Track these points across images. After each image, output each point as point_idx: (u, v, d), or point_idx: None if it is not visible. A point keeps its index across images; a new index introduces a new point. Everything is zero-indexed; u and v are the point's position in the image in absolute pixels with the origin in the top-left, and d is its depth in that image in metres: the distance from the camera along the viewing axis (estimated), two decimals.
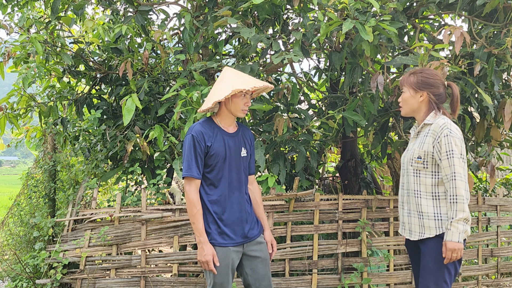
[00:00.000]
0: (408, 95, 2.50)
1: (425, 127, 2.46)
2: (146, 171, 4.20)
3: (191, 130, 2.52)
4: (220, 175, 2.53)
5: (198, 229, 2.45)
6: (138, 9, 3.94)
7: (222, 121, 2.60)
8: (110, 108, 4.42)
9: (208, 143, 2.50)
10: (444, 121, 2.36)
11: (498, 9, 3.24)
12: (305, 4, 3.40)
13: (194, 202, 2.46)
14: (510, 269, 4.46)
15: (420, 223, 2.42)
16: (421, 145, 2.43)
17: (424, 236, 2.40)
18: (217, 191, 2.53)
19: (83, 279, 3.71)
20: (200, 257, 2.44)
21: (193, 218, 2.46)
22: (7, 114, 3.99)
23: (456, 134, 2.32)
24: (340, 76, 4.56)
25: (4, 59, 3.77)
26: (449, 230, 2.28)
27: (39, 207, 4.56)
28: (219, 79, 2.58)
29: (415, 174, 2.45)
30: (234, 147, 2.59)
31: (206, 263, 2.43)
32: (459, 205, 2.26)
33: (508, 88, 3.67)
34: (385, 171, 5.81)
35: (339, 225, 3.88)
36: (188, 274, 3.82)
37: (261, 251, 2.64)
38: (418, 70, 2.51)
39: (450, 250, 2.26)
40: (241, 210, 2.58)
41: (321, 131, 4.10)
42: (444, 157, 2.31)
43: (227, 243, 2.51)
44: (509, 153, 8.03)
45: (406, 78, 2.53)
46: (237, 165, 2.60)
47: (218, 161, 2.52)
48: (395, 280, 3.96)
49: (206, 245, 2.44)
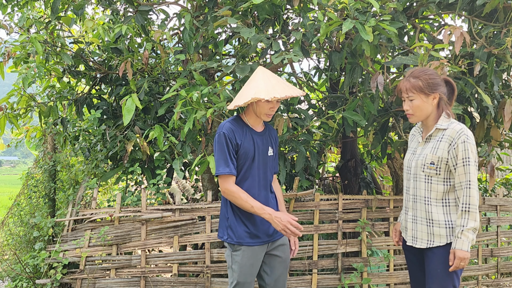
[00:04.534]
0: (420, 100, 2.37)
1: (439, 131, 2.37)
2: (146, 171, 4.20)
3: (222, 128, 2.49)
4: (248, 174, 2.51)
5: (259, 208, 2.39)
6: (138, 9, 3.94)
7: (250, 119, 2.58)
8: (110, 108, 4.42)
9: (239, 141, 2.48)
10: (460, 126, 2.29)
11: (498, 9, 3.23)
12: (305, 4, 3.40)
13: (239, 193, 2.42)
14: (510, 269, 4.46)
15: (429, 230, 2.37)
16: (434, 150, 2.34)
17: (433, 244, 2.35)
18: (245, 190, 2.48)
19: (83, 279, 3.71)
20: (279, 226, 2.35)
21: (247, 204, 2.40)
22: (7, 114, 3.99)
23: (472, 141, 2.26)
24: (340, 76, 4.56)
25: (4, 59, 3.76)
26: (459, 239, 2.23)
27: (39, 207, 4.56)
28: (250, 79, 2.55)
29: (426, 180, 2.37)
30: (262, 146, 2.58)
31: (286, 228, 2.34)
32: (472, 214, 2.22)
33: (508, 88, 3.67)
34: (385, 171, 5.81)
35: (339, 225, 3.88)
36: (188, 274, 3.83)
37: (283, 251, 2.64)
38: (418, 72, 2.40)
39: (459, 258, 2.23)
40: None
41: (321, 131, 4.09)
42: (460, 164, 2.26)
43: (254, 242, 2.51)
44: (509, 153, 8.03)
45: (410, 84, 2.38)
46: (264, 164, 2.59)
47: (247, 160, 2.50)
48: (395, 280, 3.96)
49: (275, 213, 2.38)
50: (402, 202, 4.00)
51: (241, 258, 2.51)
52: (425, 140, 2.44)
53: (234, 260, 2.53)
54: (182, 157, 3.81)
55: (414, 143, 2.56)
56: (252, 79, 2.52)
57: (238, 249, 2.52)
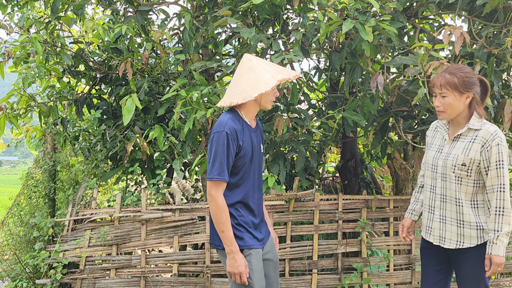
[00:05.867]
0: (453, 98, 2.28)
1: (470, 131, 2.30)
2: (146, 171, 4.20)
3: (224, 127, 2.21)
4: (246, 176, 2.31)
5: (229, 238, 2.21)
6: (138, 9, 3.94)
7: (247, 114, 2.34)
8: (110, 108, 4.42)
9: (240, 143, 2.24)
10: (494, 128, 2.24)
11: (498, 9, 3.23)
12: (305, 4, 3.40)
13: (223, 208, 2.21)
14: (510, 269, 4.46)
15: (459, 231, 2.33)
16: (466, 151, 2.28)
17: (463, 245, 2.32)
18: (241, 192, 2.31)
19: (83, 279, 3.71)
20: (233, 268, 2.21)
21: (222, 225, 2.20)
22: (7, 114, 3.99)
23: (505, 143, 2.22)
24: (340, 76, 4.56)
25: (4, 59, 3.77)
26: (495, 244, 2.20)
27: (39, 207, 4.56)
28: (248, 68, 2.28)
29: (457, 181, 2.31)
30: (257, 143, 2.38)
31: (239, 275, 2.21)
32: (506, 218, 2.20)
33: (508, 88, 3.67)
34: (385, 171, 5.81)
35: (339, 225, 3.88)
36: (188, 274, 3.83)
37: (272, 253, 2.50)
38: (455, 69, 2.31)
39: (496, 264, 2.20)
40: (260, 210, 2.44)
41: (321, 131, 4.09)
42: (493, 167, 2.22)
43: (257, 244, 2.34)
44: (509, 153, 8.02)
45: (445, 80, 2.29)
46: (259, 163, 2.41)
47: (246, 161, 2.29)
48: (395, 280, 3.96)
49: (238, 255, 2.22)
50: (402, 202, 3.99)
51: (251, 263, 2.29)
52: (453, 139, 2.36)
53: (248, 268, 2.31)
54: (182, 157, 3.81)
55: (438, 139, 2.46)
56: (252, 66, 2.28)
57: (248, 254, 2.29)
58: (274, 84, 2.18)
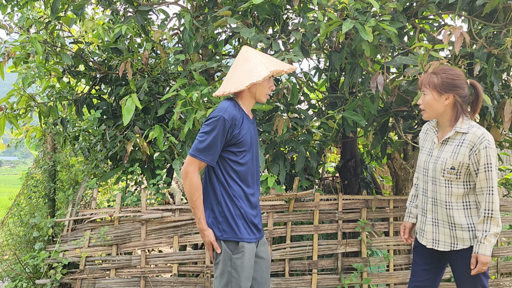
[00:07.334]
0: (431, 98, 2.32)
1: (457, 134, 2.31)
2: (146, 171, 4.20)
3: (223, 111, 2.21)
4: (246, 167, 2.32)
5: (199, 216, 2.26)
6: (138, 9, 3.94)
7: (245, 105, 2.35)
8: (110, 108, 4.42)
9: (236, 131, 2.24)
10: (481, 131, 2.25)
11: (498, 9, 3.24)
12: (305, 4, 3.40)
13: (198, 186, 2.23)
14: (510, 269, 4.46)
15: (452, 234, 2.35)
16: (454, 155, 2.30)
17: (456, 247, 2.35)
18: (241, 183, 2.31)
19: (83, 279, 3.71)
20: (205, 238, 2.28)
21: (193, 203, 2.25)
22: (7, 114, 3.99)
23: (493, 146, 2.23)
24: (340, 76, 4.56)
25: (4, 59, 3.77)
26: (482, 244, 2.23)
27: (39, 207, 4.56)
28: (244, 59, 2.31)
29: (446, 185, 2.33)
30: (254, 135, 2.39)
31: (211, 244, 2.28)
32: (494, 219, 2.23)
33: (507, 88, 3.67)
34: (385, 171, 5.81)
35: (339, 225, 3.88)
36: (188, 274, 3.83)
37: (266, 252, 2.46)
38: (440, 70, 2.35)
39: (481, 263, 2.24)
40: (258, 204, 2.42)
41: (321, 131, 4.10)
42: (482, 170, 2.24)
43: (253, 238, 2.32)
44: (509, 153, 8.03)
45: (427, 79, 2.34)
46: (256, 154, 2.41)
47: (246, 151, 2.29)
48: (395, 280, 3.96)
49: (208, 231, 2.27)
50: (402, 202, 4.00)
51: (243, 260, 2.25)
52: (442, 142, 2.38)
53: (235, 264, 2.24)
54: (182, 157, 3.81)
55: (428, 142, 2.49)
56: (248, 57, 2.30)
57: (241, 250, 2.26)
58: (267, 74, 2.19)
